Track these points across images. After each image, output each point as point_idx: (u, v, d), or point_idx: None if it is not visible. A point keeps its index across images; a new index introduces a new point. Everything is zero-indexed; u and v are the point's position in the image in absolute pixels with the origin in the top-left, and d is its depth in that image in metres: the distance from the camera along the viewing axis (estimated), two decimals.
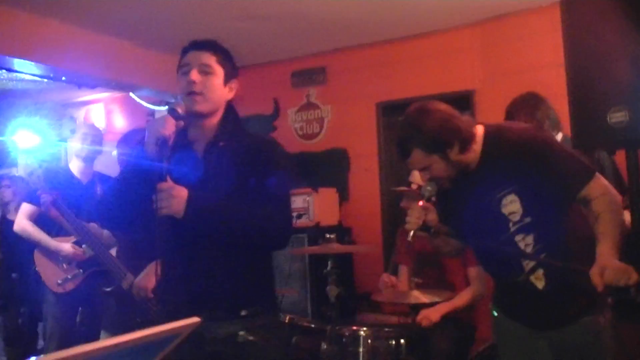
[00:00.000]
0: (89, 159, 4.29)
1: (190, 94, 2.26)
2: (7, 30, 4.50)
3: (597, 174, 2.26)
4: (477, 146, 2.37)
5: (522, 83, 4.19)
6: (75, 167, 4.30)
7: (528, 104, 3.40)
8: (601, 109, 2.01)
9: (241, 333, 2.22)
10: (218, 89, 2.30)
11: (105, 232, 3.89)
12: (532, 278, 2.35)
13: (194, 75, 2.25)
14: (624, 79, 1.99)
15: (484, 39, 5.20)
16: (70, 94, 6.68)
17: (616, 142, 2.10)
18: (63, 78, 5.33)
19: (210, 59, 2.29)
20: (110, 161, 4.10)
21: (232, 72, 2.36)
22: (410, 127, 2.35)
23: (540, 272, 2.34)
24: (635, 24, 1.96)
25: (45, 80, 5.48)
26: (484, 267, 2.64)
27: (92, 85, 5.89)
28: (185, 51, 2.34)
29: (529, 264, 2.35)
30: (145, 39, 5.35)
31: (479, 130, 2.39)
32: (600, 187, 2.23)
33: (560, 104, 2.85)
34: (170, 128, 2.14)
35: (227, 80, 2.33)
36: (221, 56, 2.32)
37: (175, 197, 2.10)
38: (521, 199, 2.31)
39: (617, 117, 2.00)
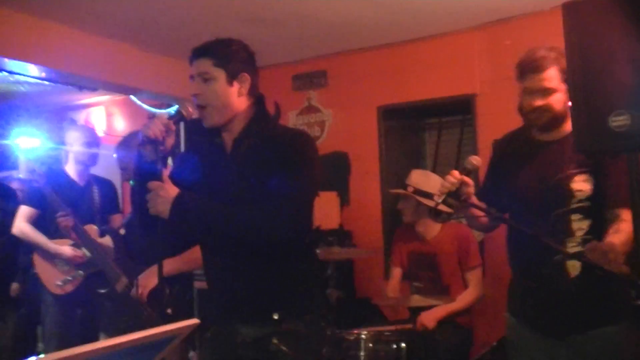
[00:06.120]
0: (85, 163, 4.33)
1: (199, 107, 2.23)
2: (7, 32, 4.49)
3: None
4: None
5: None
6: (72, 169, 4.37)
7: None
8: (603, 112, 2.00)
9: (274, 341, 2.15)
10: (222, 94, 2.22)
11: (106, 237, 3.89)
12: (568, 263, 2.39)
13: (196, 87, 2.22)
14: (626, 82, 1.98)
15: (487, 42, 5.18)
16: (71, 96, 6.68)
17: (617, 146, 2.08)
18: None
19: (206, 65, 2.22)
20: (109, 164, 4.12)
21: (238, 66, 2.25)
22: (557, 50, 2.41)
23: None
24: (638, 27, 1.96)
25: (47, 82, 5.49)
26: (516, 242, 2.62)
27: (93, 88, 5.89)
28: (190, 62, 2.29)
29: (573, 247, 2.39)
30: (147, 41, 5.34)
31: None
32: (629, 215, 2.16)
33: None
34: (155, 129, 2.11)
35: (232, 78, 2.24)
36: (219, 57, 2.23)
37: (162, 196, 2.09)
38: (593, 183, 2.40)
39: (619, 121, 1.99)
